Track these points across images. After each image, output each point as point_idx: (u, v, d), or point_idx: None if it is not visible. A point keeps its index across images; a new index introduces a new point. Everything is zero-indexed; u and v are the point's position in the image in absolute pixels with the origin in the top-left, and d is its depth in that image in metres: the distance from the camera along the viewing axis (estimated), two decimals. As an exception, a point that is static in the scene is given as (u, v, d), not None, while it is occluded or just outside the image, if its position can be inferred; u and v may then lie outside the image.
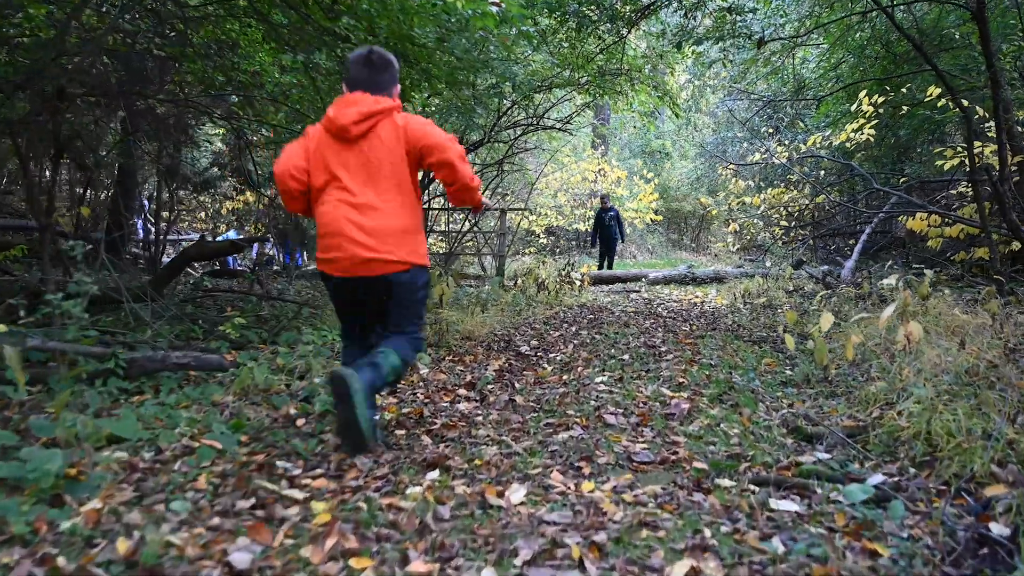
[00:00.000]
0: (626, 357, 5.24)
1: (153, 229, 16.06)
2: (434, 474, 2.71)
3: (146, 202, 16.47)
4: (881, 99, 9.09)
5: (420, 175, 3.39)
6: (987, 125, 8.43)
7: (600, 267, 14.59)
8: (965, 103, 6.84)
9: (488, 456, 2.92)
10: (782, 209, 14.48)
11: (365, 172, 2.95)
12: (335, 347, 4.91)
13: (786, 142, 13.29)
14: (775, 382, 4.57)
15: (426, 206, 11.97)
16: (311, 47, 4.77)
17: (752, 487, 2.73)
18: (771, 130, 15.47)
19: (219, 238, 16.74)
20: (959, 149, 8.10)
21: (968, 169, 7.37)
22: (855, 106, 9.47)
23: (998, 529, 2.35)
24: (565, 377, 4.54)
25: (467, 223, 12.50)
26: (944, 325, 5.21)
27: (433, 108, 8.93)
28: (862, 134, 9.50)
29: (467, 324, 6.24)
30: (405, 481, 2.63)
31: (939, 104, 8.32)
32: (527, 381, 4.44)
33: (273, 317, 6.56)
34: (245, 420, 3.34)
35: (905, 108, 9.31)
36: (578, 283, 10.01)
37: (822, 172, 13.06)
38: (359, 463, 2.81)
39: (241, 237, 14.66)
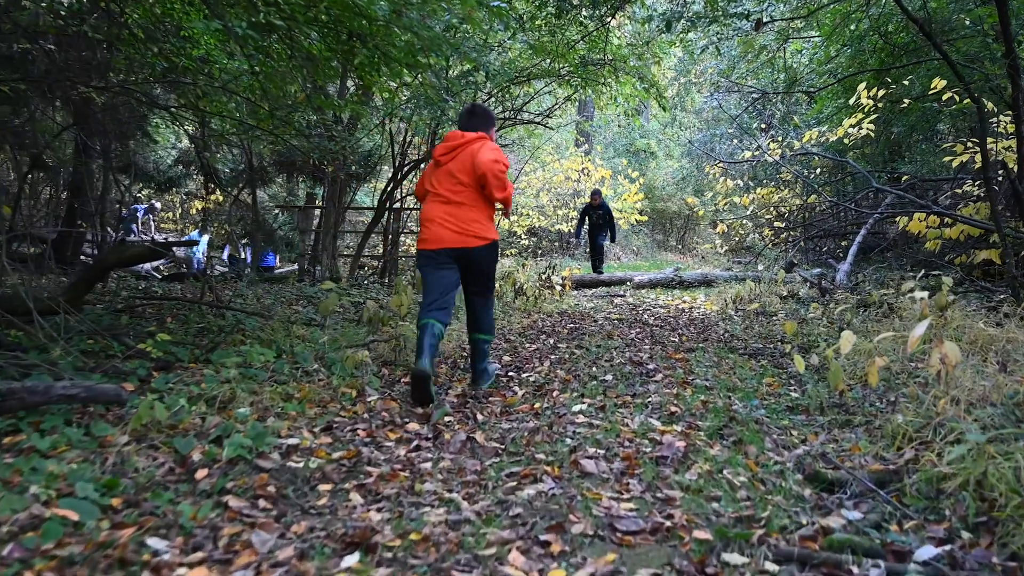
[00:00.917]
0: (609, 377, 4.59)
1: (139, 234, 15.41)
2: (353, 559, 2.04)
3: (140, 207, 15.77)
4: (882, 92, 8.50)
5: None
6: (994, 120, 7.85)
7: (595, 271, 13.30)
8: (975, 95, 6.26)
9: (429, 527, 2.26)
10: (772, 209, 13.90)
11: (450, 182, 4.23)
12: (272, 368, 4.23)
13: (779, 138, 12.69)
14: (780, 407, 3.94)
15: (398, 205, 11.30)
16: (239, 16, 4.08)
17: (770, 567, 2.09)
18: (764, 126, 14.86)
19: (186, 237, 16.06)
20: (969, 144, 7.51)
21: (980, 166, 6.78)
22: (853, 99, 8.87)
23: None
24: (538, 405, 3.87)
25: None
26: (969, 340, 4.60)
27: (403, 98, 8.26)
28: (860, 129, 8.90)
29: (432, 337, 5.57)
30: (311, 572, 1.96)
31: (944, 97, 7.73)
32: (492, 411, 3.77)
33: (218, 329, 5.87)
34: (131, 471, 2.66)
35: (907, 102, 8.71)
36: (559, 288, 9.35)
37: (817, 170, 12.47)
38: (256, 541, 2.14)
39: (195, 239, 13.96)
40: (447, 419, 3.57)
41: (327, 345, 4.79)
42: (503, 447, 3.12)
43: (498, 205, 4.44)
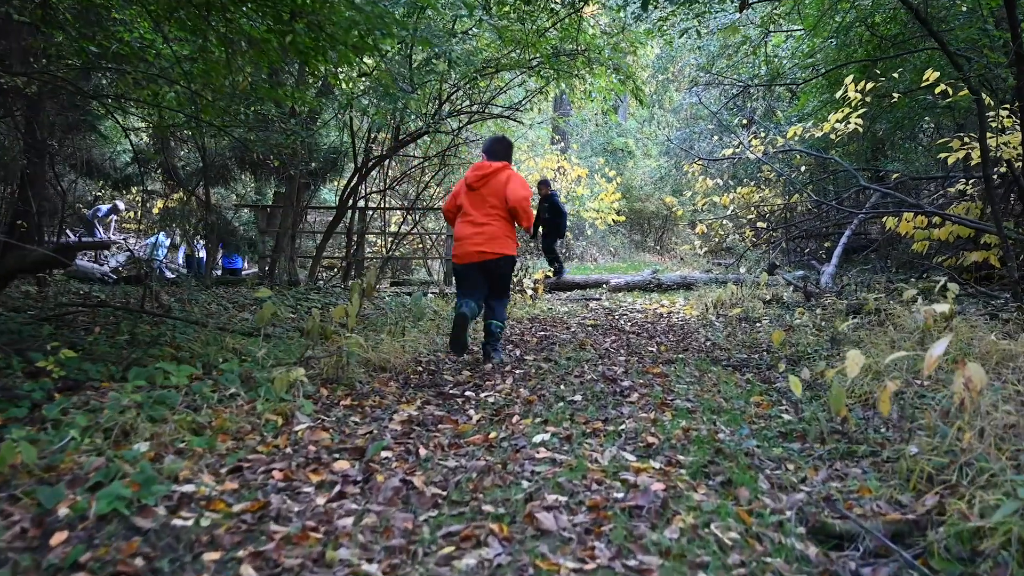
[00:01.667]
0: (578, 398, 4.06)
1: (103, 235, 14.69)
2: None
3: (102, 207, 15.07)
4: (870, 85, 8.05)
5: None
6: (990, 114, 7.42)
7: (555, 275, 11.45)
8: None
9: (330, 622, 1.73)
10: (753, 209, 13.47)
11: (481, 205, 5.00)
12: (189, 391, 3.66)
13: (760, 134, 12.24)
14: (772, 433, 3.44)
15: (362, 203, 10.74)
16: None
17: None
18: (744, 121, 14.40)
19: (147, 240, 15.35)
20: (966, 140, 7.07)
21: (975, 163, 6.34)
22: (840, 93, 8.42)
23: None
24: (493, 435, 3.33)
25: (408, 223, 11.34)
26: (980, 354, 4.13)
27: (360, 89, 7.70)
28: (847, 124, 8.45)
29: (383, 349, 5.02)
30: None
31: (936, 90, 7.29)
32: (439, 442, 3.22)
33: (150, 340, 5.30)
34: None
35: (896, 96, 8.27)
36: (530, 292, 8.83)
37: (802, 168, 12.03)
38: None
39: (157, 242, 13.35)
40: (384, 454, 3.02)
41: (261, 361, 4.23)
42: (445, 494, 2.58)
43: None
